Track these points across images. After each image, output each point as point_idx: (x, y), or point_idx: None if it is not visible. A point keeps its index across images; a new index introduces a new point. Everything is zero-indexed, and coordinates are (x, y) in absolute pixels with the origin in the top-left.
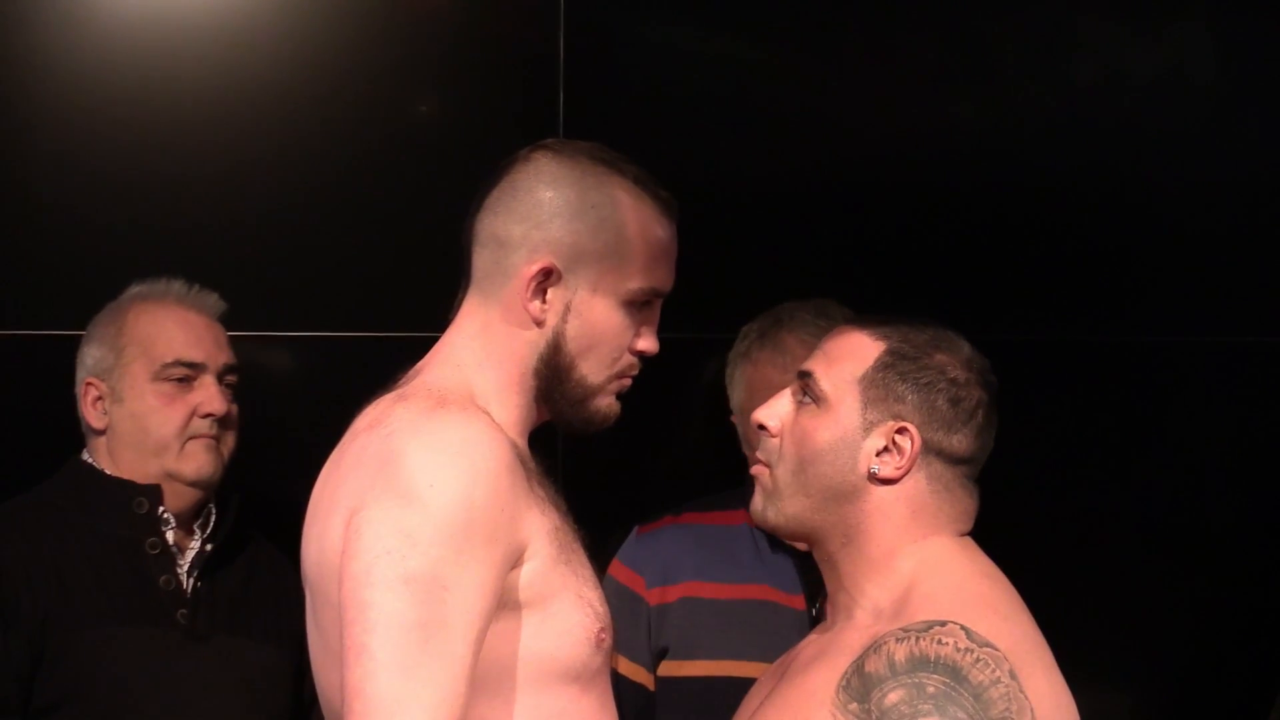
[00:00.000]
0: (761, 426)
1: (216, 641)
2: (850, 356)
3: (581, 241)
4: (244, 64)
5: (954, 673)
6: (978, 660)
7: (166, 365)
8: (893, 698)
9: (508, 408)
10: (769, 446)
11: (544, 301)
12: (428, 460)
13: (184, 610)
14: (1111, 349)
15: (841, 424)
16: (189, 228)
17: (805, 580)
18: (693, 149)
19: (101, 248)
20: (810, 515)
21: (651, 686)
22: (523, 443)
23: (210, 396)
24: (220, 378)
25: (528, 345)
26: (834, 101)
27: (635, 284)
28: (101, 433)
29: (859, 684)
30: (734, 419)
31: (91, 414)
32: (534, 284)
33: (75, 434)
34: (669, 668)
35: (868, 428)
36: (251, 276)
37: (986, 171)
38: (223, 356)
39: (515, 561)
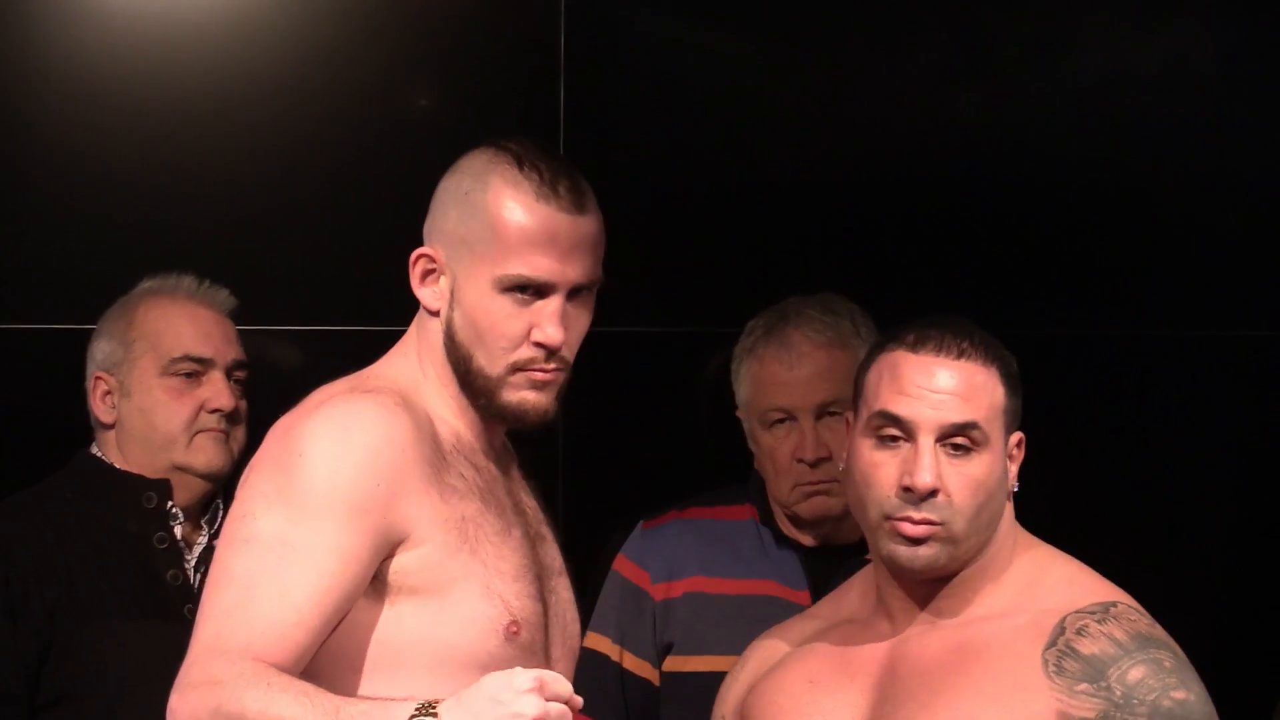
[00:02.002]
0: (934, 491)
1: None
2: (984, 391)
3: (455, 228)
4: (249, 60)
5: (1170, 647)
6: (1167, 635)
7: (175, 360)
8: (1135, 674)
9: (446, 398)
10: (939, 506)
11: (435, 291)
12: (307, 433)
13: (191, 605)
14: (1114, 344)
15: (999, 458)
16: (197, 222)
17: (810, 575)
18: (694, 142)
19: (111, 242)
20: (979, 548)
21: (656, 682)
22: (474, 432)
23: (218, 392)
24: (229, 373)
25: (436, 334)
26: (836, 96)
27: (501, 270)
28: (110, 427)
29: (1081, 667)
30: (739, 414)
31: (100, 408)
32: (419, 271)
33: (84, 428)
34: (674, 663)
35: (1006, 450)
36: (258, 271)
37: (989, 166)
38: (231, 352)
39: (395, 541)
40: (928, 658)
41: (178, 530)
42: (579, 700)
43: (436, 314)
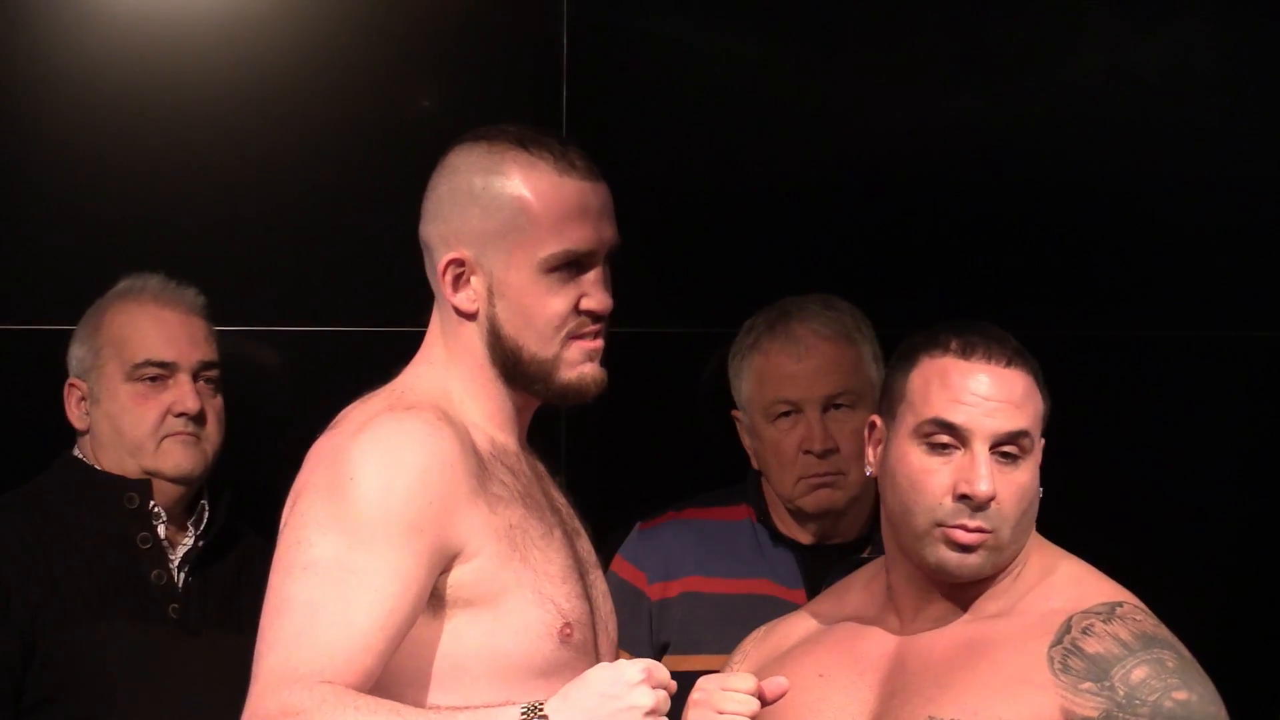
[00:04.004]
0: (991, 498)
1: (208, 636)
2: (1030, 398)
3: (480, 225)
4: (242, 58)
5: (1174, 648)
6: (1172, 635)
7: (138, 365)
8: (1138, 674)
9: (480, 401)
10: (991, 513)
11: (470, 293)
12: (356, 456)
13: (175, 605)
14: (1114, 345)
15: (1038, 464)
16: (196, 225)
17: (806, 574)
18: (694, 143)
19: (94, 242)
20: (1017, 553)
21: None
22: (506, 435)
23: (184, 395)
24: (196, 375)
25: (474, 337)
26: (837, 96)
27: (546, 250)
28: (85, 433)
29: (1086, 665)
30: (736, 414)
31: (74, 414)
32: (450, 278)
33: (67, 429)
34: (670, 663)
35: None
36: (247, 271)
37: (989, 167)
38: (198, 353)
39: (450, 556)
40: (936, 653)
41: (161, 530)
42: (674, 685)
43: (472, 316)
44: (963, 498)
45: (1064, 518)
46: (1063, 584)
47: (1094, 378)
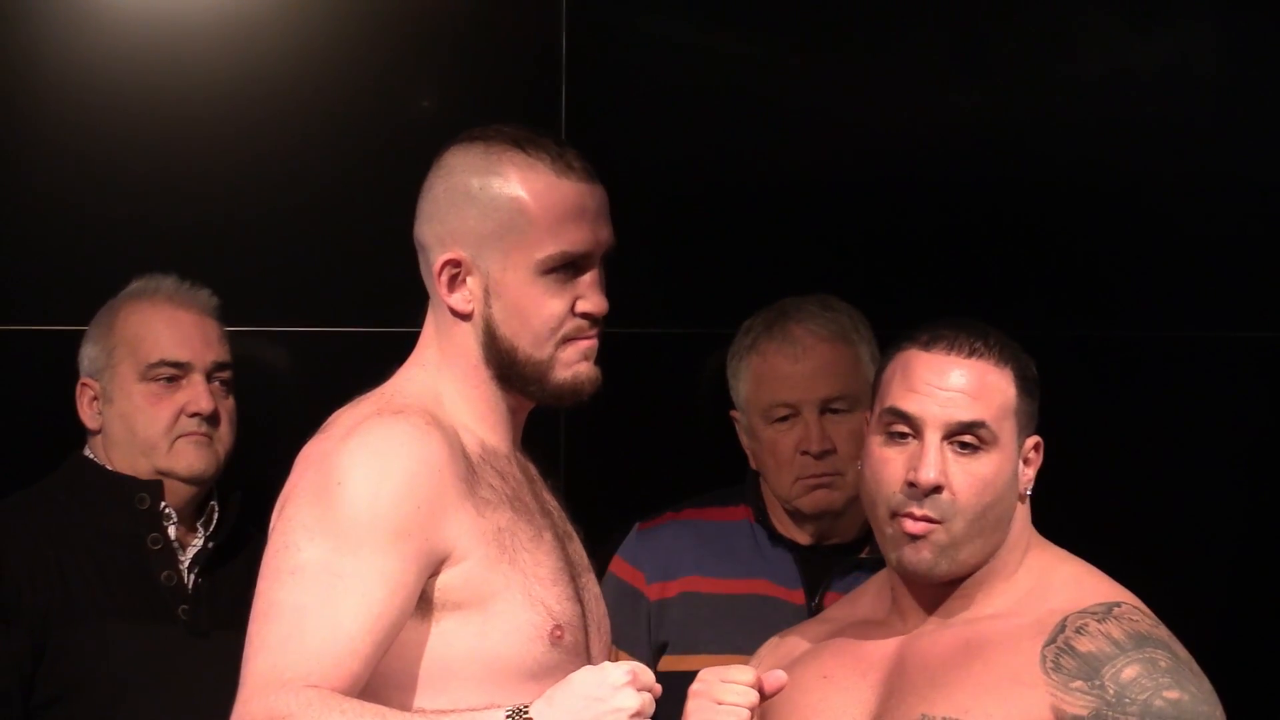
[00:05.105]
0: (937, 488)
1: (217, 637)
2: (995, 391)
3: (477, 226)
4: (245, 59)
5: (1168, 647)
6: (1171, 636)
7: (152, 365)
8: (1129, 673)
9: (472, 403)
10: (941, 503)
11: (466, 293)
12: (344, 461)
13: (185, 606)
14: (1114, 345)
15: (1009, 459)
16: (197, 225)
17: (805, 575)
18: (694, 143)
19: (109, 243)
20: (982, 553)
21: None
22: (498, 438)
23: (197, 395)
24: (209, 375)
25: (469, 338)
26: (836, 96)
27: (543, 252)
28: (97, 432)
29: (1077, 664)
30: (735, 414)
31: (86, 414)
32: (445, 279)
33: (77, 429)
34: (669, 663)
35: (1019, 452)
36: (253, 271)
37: (989, 167)
38: (211, 354)
39: (438, 560)
40: (935, 654)
41: (171, 531)
42: (659, 688)
43: (467, 317)
44: (910, 485)
45: (1063, 518)
46: (1062, 584)
47: (1094, 378)
